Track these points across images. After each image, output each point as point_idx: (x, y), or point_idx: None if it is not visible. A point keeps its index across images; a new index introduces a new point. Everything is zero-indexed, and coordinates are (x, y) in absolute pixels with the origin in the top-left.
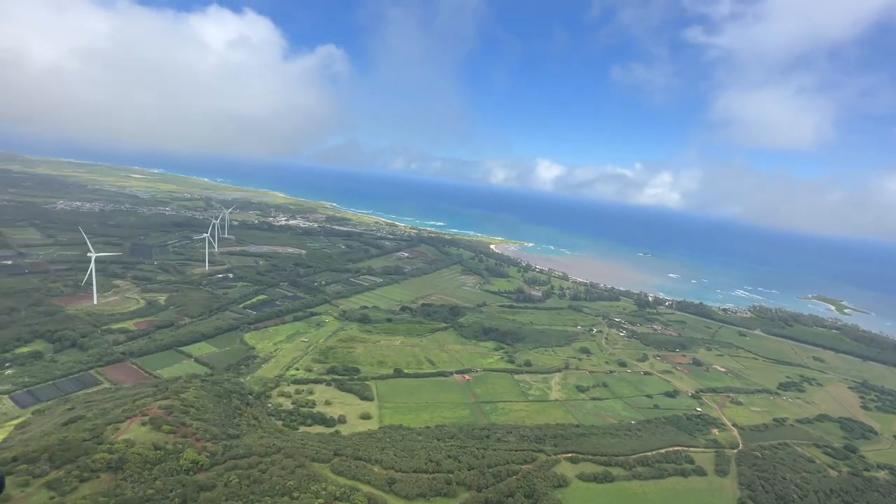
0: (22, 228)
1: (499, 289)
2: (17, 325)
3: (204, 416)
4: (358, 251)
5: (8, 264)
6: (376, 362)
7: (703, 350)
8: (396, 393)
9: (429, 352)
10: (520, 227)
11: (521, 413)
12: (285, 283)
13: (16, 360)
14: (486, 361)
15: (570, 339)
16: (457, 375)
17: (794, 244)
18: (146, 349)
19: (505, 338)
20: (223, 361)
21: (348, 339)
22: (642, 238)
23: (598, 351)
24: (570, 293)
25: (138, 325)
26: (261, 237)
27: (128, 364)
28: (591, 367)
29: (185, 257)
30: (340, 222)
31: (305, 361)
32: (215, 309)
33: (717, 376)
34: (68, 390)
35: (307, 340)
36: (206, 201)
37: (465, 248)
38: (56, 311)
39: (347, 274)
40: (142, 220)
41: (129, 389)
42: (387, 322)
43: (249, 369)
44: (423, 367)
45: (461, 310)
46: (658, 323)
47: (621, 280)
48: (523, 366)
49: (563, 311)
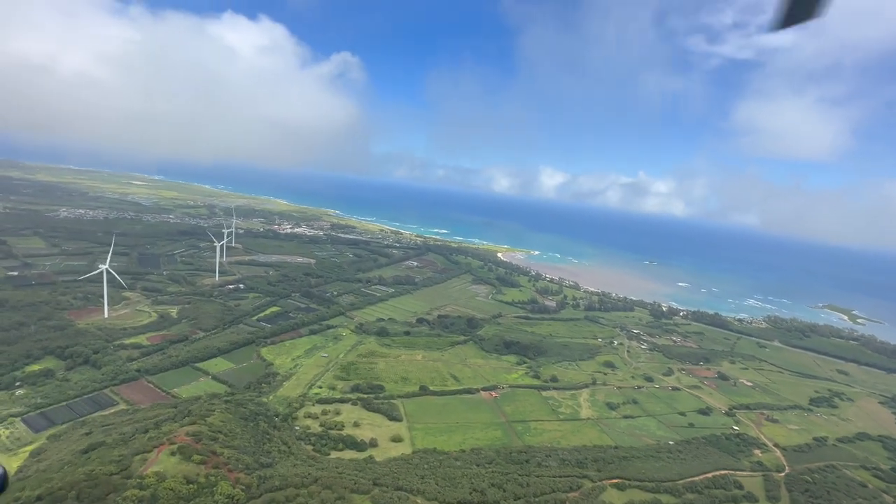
0: (26, 237)
1: (512, 299)
2: (27, 340)
3: (233, 443)
4: (367, 260)
5: (14, 275)
6: (400, 379)
7: (726, 363)
8: (425, 412)
9: (451, 367)
10: (523, 235)
11: (554, 433)
12: (297, 293)
13: (27, 378)
14: (510, 377)
15: (593, 352)
16: (483, 392)
17: (804, 253)
18: (161, 366)
19: (527, 351)
20: (242, 379)
21: (368, 353)
22: (647, 246)
23: (622, 365)
24: (585, 303)
25: (151, 339)
26: (268, 246)
27: (143, 382)
28: (618, 382)
29: (194, 267)
30: (345, 230)
31: (328, 378)
32: (229, 322)
33: (746, 391)
34: (83, 412)
35: (327, 356)
36: (210, 209)
37: (473, 256)
38: (66, 325)
39: (358, 284)
40: (147, 229)
41: (148, 411)
42: (405, 335)
43: (271, 388)
44: (448, 383)
45: (478, 322)
46: (676, 334)
47: (631, 289)
48: (550, 381)
49: (580, 322)
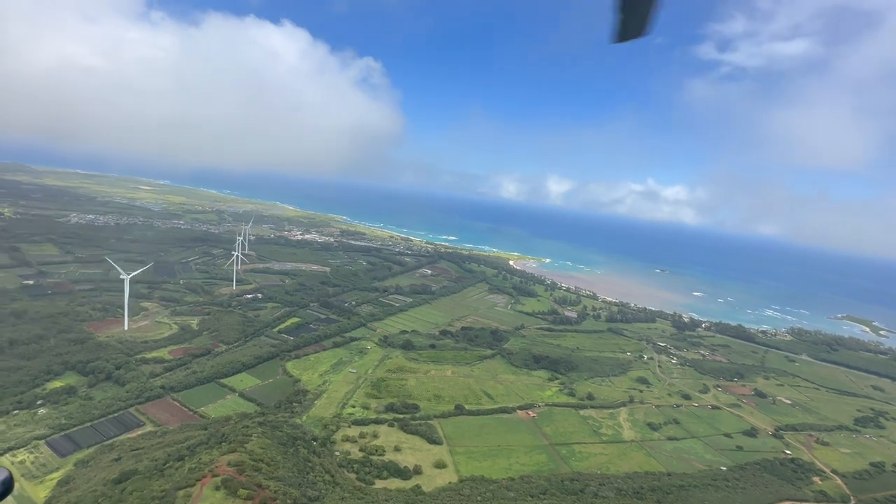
0: (39, 244)
1: (532, 310)
2: (47, 354)
3: (277, 474)
4: (381, 268)
5: (30, 284)
6: (433, 397)
7: (760, 379)
8: (464, 434)
9: (483, 383)
10: (531, 242)
11: (600, 457)
12: (315, 303)
13: (48, 396)
14: (545, 394)
15: (624, 367)
16: (520, 412)
17: (823, 263)
18: (186, 382)
19: (557, 366)
20: (270, 397)
21: (397, 369)
22: (658, 254)
23: (656, 381)
24: (605, 314)
25: (173, 353)
26: (281, 253)
27: (168, 400)
28: (655, 400)
29: (210, 275)
30: (355, 237)
31: (359, 397)
32: (250, 334)
33: (787, 410)
34: (109, 434)
35: (355, 371)
36: (218, 214)
37: (486, 264)
38: (86, 337)
39: (375, 293)
40: (159, 235)
41: (178, 433)
42: (431, 349)
43: (303, 407)
44: (483, 401)
45: (502, 334)
46: (703, 347)
47: (648, 299)
48: (586, 399)
49: (604, 334)
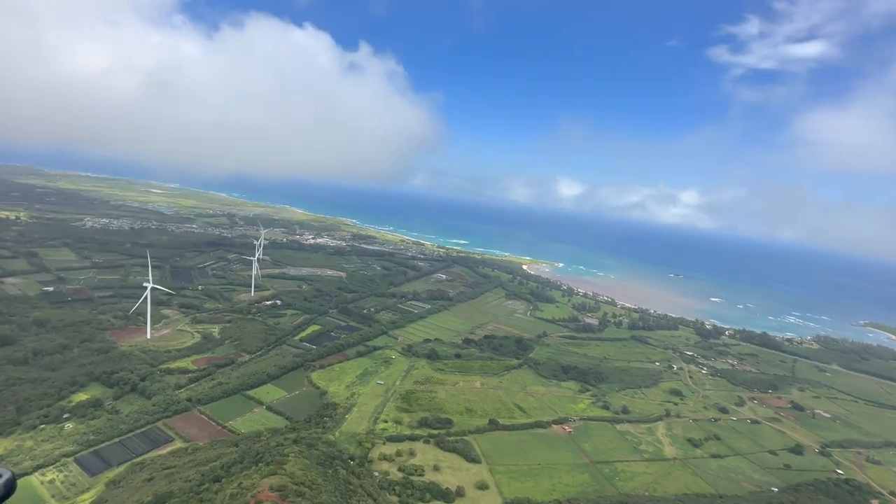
0: (56, 249)
1: (553, 317)
2: (71, 365)
3: (321, 499)
4: (396, 274)
5: (50, 291)
6: (464, 410)
7: (795, 391)
8: (502, 452)
9: (513, 395)
10: (542, 246)
11: (645, 477)
12: (334, 310)
13: (75, 410)
14: (577, 407)
15: (655, 378)
16: (555, 426)
17: (846, 268)
18: (212, 395)
19: (587, 377)
20: (298, 410)
21: (425, 380)
22: (669, 258)
23: (689, 393)
24: (626, 321)
25: (197, 363)
26: (295, 258)
27: (195, 413)
28: (692, 413)
29: (227, 281)
30: (367, 241)
31: (390, 410)
32: (272, 342)
33: (828, 424)
34: (138, 450)
35: (383, 383)
36: (230, 218)
37: (500, 269)
38: (109, 347)
39: (393, 299)
40: (173, 240)
41: (209, 450)
42: (456, 358)
43: (334, 422)
44: (516, 415)
45: (526, 343)
46: (730, 356)
47: (665, 304)
48: (621, 413)
49: (628, 342)
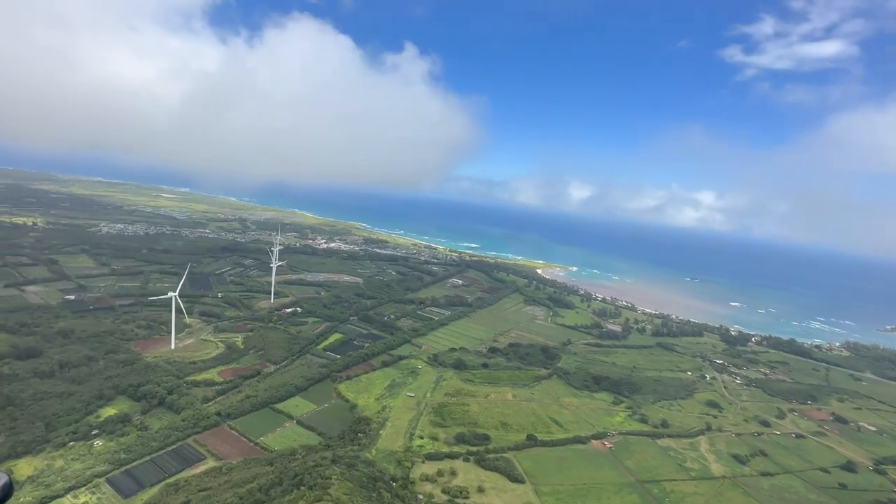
0: (74, 255)
1: (574, 323)
2: (97, 377)
3: None
4: (412, 279)
5: (71, 299)
6: (499, 424)
7: (834, 402)
8: (544, 470)
9: (547, 408)
10: (553, 249)
11: (696, 498)
12: (355, 317)
13: (103, 426)
14: (614, 420)
15: (689, 388)
16: (595, 442)
17: (863, 271)
18: (241, 409)
19: (619, 388)
20: (329, 424)
21: (455, 392)
22: (683, 261)
23: (726, 405)
24: (650, 328)
25: (222, 374)
26: (310, 263)
27: (225, 429)
28: (733, 427)
29: (245, 288)
30: (379, 245)
31: (424, 425)
32: (296, 352)
33: (875, 439)
34: (171, 470)
35: (413, 395)
36: (241, 222)
37: (514, 273)
38: (134, 358)
39: (412, 305)
40: (188, 245)
41: (244, 469)
42: (484, 368)
43: (368, 438)
44: (552, 430)
45: (552, 351)
46: (761, 365)
47: (685, 310)
48: (661, 427)
49: (654, 350)
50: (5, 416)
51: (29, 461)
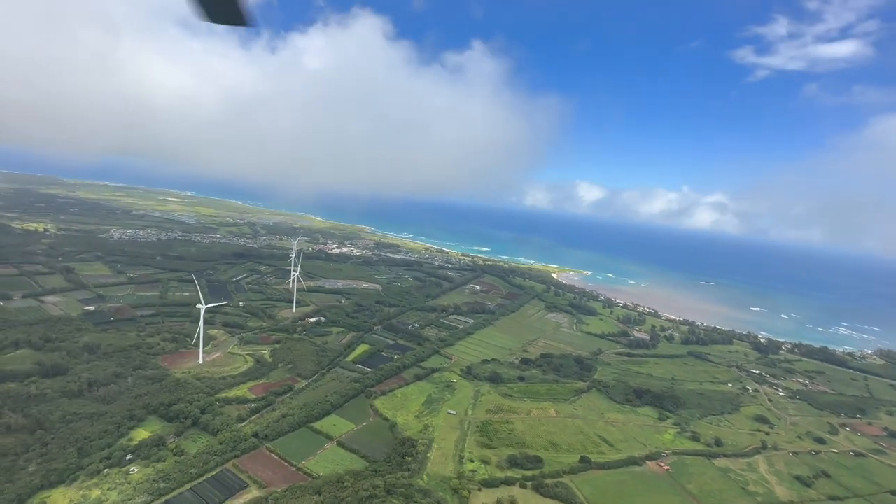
0: (88, 263)
1: (601, 331)
2: (126, 396)
3: None
4: (430, 285)
5: (92, 311)
6: (548, 444)
7: (883, 415)
8: (605, 497)
9: (592, 425)
10: (564, 253)
11: None
12: (379, 326)
13: (138, 450)
14: (664, 438)
15: (734, 402)
16: (650, 463)
17: (880, 273)
18: (278, 429)
19: (663, 402)
20: (372, 446)
21: (496, 408)
22: (696, 265)
23: (775, 419)
24: (678, 335)
25: (253, 390)
26: (326, 269)
27: (265, 452)
28: (788, 445)
29: (265, 296)
30: (391, 249)
31: (471, 446)
32: (325, 365)
33: None
34: (213, 500)
35: (455, 413)
36: (251, 226)
37: (531, 278)
38: (162, 375)
39: (434, 313)
40: (202, 251)
41: (290, 499)
42: (520, 381)
43: (417, 462)
44: (603, 449)
45: (586, 362)
46: (798, 374)
47: (707, 315)
48: (714, 445)
49: (687, 359)
50: (36, 442)
51: (63, 491)
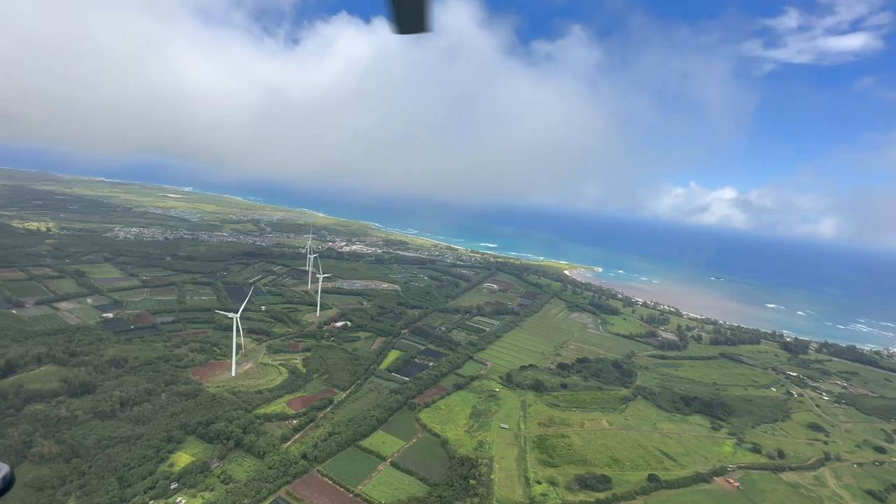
0: (97, 264)
1: (628, 332)
2: (161, 415)
3: None
4: (448, 285)
5: (110, 318)
6: (610, 460)
7: None
8: None
9: (648, 437)
10: (569, 248)
11: None
12: (406, 330)
13: (182, 478)
14: (724, 451)
15: (783, 409)
16: (717, 479)
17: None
18: (326, 450)
19: (712, 410)
20: (427, 466)
21: (548, 421)
22: (703, 260)
23: (828, 427)
24: (707, 336)
25: (292, 405)
26: (340, 268)
27: (316, 476)
28: (848, 454)
29: (285, 299)
30: (400, 246)
31: (533, 465)
32: (360, 374)
33: None
34: None
35: (508, 427)
36: (255, 223)
37: (545, 275)
38: (196, 390)
39: (457, 315)
40: (211, 251)
41: None
42: (563, 389)
43: (482, 485)
44: (667, 465)
45: (624, 367)
46: (832, 376)
47: (726, 312)
48: (777, 458)
49: (721, 361)
50: (72, 472)
51: None
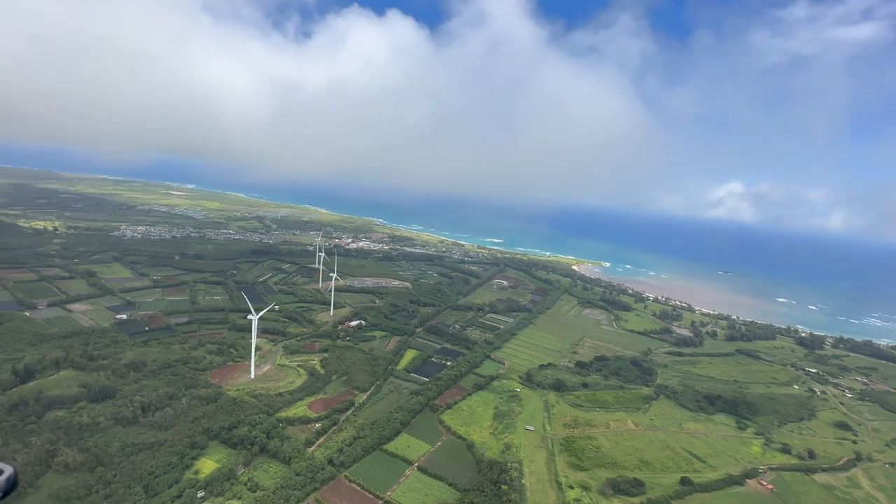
0: (107, 264)
1: (642, 328)
2: (183, 420)
3: None
4: (458, 281)
5: (124, 319)
6: (639, 462)
7: None
8: None
9: (675, 438)
10: (575, 243)
11: None
12: (420, 329)
13: (209, 486)
14: (753, 451)
15: (807, 406)
16: (750, 482)
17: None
18: (352, 454)
19: (737, 409)
20: (455, 471)
21: (573, 422)
22: (709, 254)
23: (855, 425)
24: (721, 332)
25: (313, 407)
26: (349, 266)
27: (343, 482)
28: (879, 454)
29: (297, 298)
30: (406, 243)
31: (563, 468)
32: (379, 375)
33: None
34: None
35: (533, 429)
36: (261, 220)
37: (553, 271)
38: (216, 394)
39: (470, 312)
40: (219, 249)
41: None
42: (584, 388)
43: (514, 490)
44: (697, 467)
45: (643, 364)
46: (851, 371)
47: (737, 307)
48: (808, 458)
49: (739, 358)
50: (97, 481)
51: None
